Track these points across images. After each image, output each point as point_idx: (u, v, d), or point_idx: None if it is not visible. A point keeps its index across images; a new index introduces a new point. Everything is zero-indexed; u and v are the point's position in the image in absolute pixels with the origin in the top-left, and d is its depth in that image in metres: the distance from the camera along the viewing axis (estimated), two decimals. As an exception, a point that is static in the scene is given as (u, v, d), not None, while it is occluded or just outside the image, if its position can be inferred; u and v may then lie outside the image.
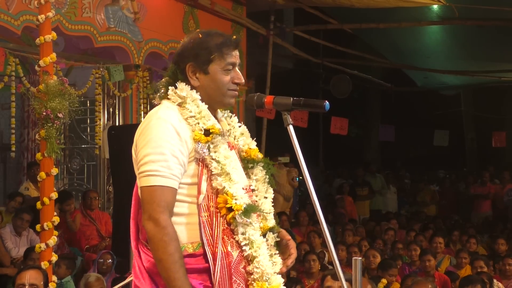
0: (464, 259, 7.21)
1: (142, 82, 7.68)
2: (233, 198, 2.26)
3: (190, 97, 2.35)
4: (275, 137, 7.18)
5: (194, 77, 2.38)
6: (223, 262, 2.24)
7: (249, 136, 2.58)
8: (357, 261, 2.19)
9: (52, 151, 4.82)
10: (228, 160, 2.31)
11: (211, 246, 2.24)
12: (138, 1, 7.54)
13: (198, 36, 2.40)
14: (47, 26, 4.88)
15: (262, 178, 2.52)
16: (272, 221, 2.49)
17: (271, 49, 9.72)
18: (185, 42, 2.43)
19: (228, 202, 2.26)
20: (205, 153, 2.28)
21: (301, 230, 9.05)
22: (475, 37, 11.13)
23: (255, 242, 2.29)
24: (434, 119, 17.23)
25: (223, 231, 2.27)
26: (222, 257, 2.24)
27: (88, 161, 8.18)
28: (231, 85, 2.39)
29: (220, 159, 2.29)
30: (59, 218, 5.05)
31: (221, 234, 2.26)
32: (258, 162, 2.52)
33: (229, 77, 2.38)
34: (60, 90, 4.76)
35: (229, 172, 2.29)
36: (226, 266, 2.24)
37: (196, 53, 2.36)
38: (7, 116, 8.54)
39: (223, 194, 2.27)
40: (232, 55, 2.38)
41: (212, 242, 2.24)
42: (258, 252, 2.29)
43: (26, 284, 4.36)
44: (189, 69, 2.38)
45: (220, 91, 2.38)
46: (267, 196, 2.50)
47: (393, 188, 13.03)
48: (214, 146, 2.30)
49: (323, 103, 2.29)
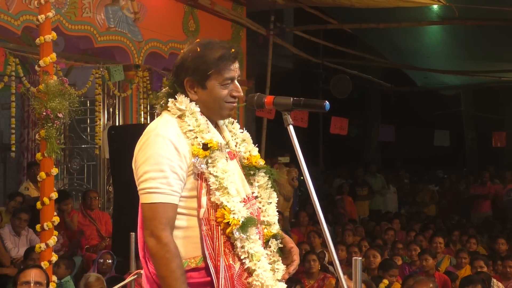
0: (464, 259, 7.22)
1: (142, 82, 7.68)
2: (231, 213, 2.27)
3: (189, 110, 2.35)
4: (275, 137, 7.18)
5: (192, 91, 2.39)
6: (225, 274, 2.26)
7: (251, 142, 2.58)
8: (357, 261, 2.19)
9: (52, 151, 4.81)
10: (226, 174, 2.31)
11: (213, 260, 2.26)
12: (138, 1, 7.54)
13: (197, 49, 2.37)
14: (47, 26, 4.88)
15: (265, 184, 2.53)
16: (276, 228, 2.52)
17: (271, 49, 9.72)
18: (184, 54, 2.41)
19: (226, 217, 2.27)
20: (203, 168, 2.29)
21: (301, 230, 9.05)
22: (475, 37, 11.13)
23: (254, 255, 2.31)
24: (434, 119, 17.24)
25: (224, 243, 2.29)
26: (224, 270, 2.26)
27: (88, 161, 8.18)
28: (229, 98, 2.39)
29: (218, 174, 2.29)
30: (59, 218, 5.05)
31: (222, 247, 2.27)
32: (260, 169, 2.53)
33: (227, 90, 2.38)
34: (60, 90, 4.76)
35: (227, 187, 2.29)
36: (229, 278, 2.27)
37: (194, 68, 2.35)
38: (7, 116, 8.54)
39: (221, 209, 2.28)
40: (231, 70, 2.37)
41: (214, 255, 2.26)
42: (258, 265, 2.30)
43: (31, 282, 4.37)
44: (187, 84, 2.38)
45: (218, 104, 2.38)
46: (271, 202, 2.53)
47: (393, 188, 13.03)
48: (212, 161, 2.30)
49: (323, 103, 2.28)
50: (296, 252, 2.52)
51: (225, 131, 2.51)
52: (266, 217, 2.52)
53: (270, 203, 2.52)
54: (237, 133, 2.56)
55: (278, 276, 2.40)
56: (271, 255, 2.45)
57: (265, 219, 2.51)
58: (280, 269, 2.43)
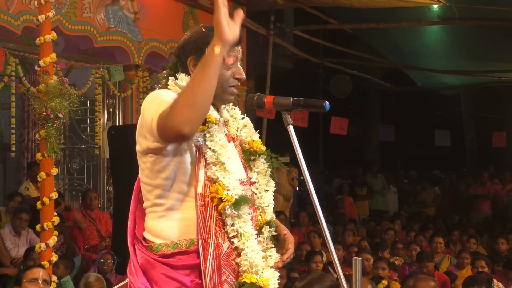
0: (466, 259, 7.19)
1: (142, 82, 7.68)
2: (225, 189, 2.24)
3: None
4: (275, 137, 7.17)
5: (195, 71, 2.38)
6: (213, 253, 2.23)
7: (252, 128, 2.55)
8: (357, 261, 2.19)
9: (52, 151, 4.82)
10: (224, 149, 2.28)
11: (202, 237, 2.23)
12: (138, 1, 7.54)
13: (201, 30, 2.39)
14: (47, 26, 4.89)
15: (264, 170, 2.49)
16: (270, 215, 2.47)
17: (271, 49, 9.72)
18: (188, 36, 2.42)
19: (219, 193, 2.24)
20: (199, 142, 2.27)
21: (301, 230, 9.04)
22: (475, 37, 11.14)
23: (244, 234, 2.26)
24: (434, 119, 17.23)
25: (216, 221, 2.26)
26: (213, 248, 2.23)
27: (88, 161, 8.18)
28: (232, 81, 2.37)
29: (215, 148, 2.27)
30: (59, 218, 5.05)
31: (214, 225, 2.25)
32: (260, 154, 2.50)
33: (230, 72, 2.36)
34: (60, 90, 4.77)
35: (224, 162, 2.26)
36: (216, 257, 2.24)
37: (198, 47, 2.34)
38: (7, 116, 8.55)
39: (216, 184, 2.25)
40: (234, 50, 2.34)
41: (204, 233, 2.24)
42: (246, 245, 2.26)
43: (40, 279, 4.37)
44: (190, 63, 2.36)
45: (220, 86, 2.33)
46: (268, 189, 2.47)
47: (393, 188, 13.03)
48: (210, 135, 2.28)
49: (323, 103, 2.28)
50: (291, 240, 2.48)
51: (226, 114, 2.48)
52: (262, 204, 2.47)
53: (267, 191, 2.46)
54: (237, 118, 2.52)
55: (270, 263, 2.36)
56: (264, 241, 2.41)
57: (260, 206, 2.46)
58: (273, 256, 2.39)
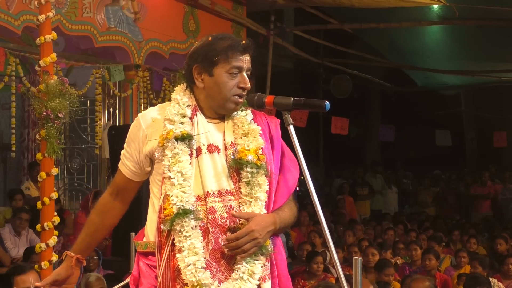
0: (463, 258, 7.20)
1: (142, 82, 7.68)
2: (169, 203, 2.28)
3: (175, 100, 2.40)
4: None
5: (199, 79, 2.38)
6: (167, 263, 2.27)
7: (256, 135, 2.41)
8: (357, 261, 2.19)
9: (52, 151, 4.82)
10: (177, 165, 2.29)
11: (159, 247, 2.30)
12: (138, 1, 7.54)
13: (208, 39, 2.41)
14: (47, 26, 4.88)
15: (247, 180, 2.34)
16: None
17: (271, 49, 9.71)
18: (197, 44, 2.46)
19: (166, 207, 2.29)
20: (155, 156, 2.36)
21: (301, 230, 9.04)
22: (475, 37, 11.13)
23: (183, 248, 2.23)
24: (435, 119, 17.22)
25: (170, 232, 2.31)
26: (168, 258, 2.28)
27: (88, 161, 8.18)
28: (236, 90, 2.36)
29: (165, 163, 2.32)
30: (59, 218, 5.05)
31: (171, 236, 2.28)
32: (248, 164, 2.36)
33: (234, 81, 2.35)
34: (60, 90, 4.76)
35: (171, 176, 2.29)
36: (171, 268, 2.27)
37: (204, 55, 2.36)
38: (7, 116, 8.55)
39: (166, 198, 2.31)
40: (239, 59, 2.35)
41: (160, 244, 2.30)
42: (184, 261, 2.23)
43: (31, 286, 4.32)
44: (195, 70, 2.38)
45: (223, 95, 2.34)
46: (251, 200, 2.34)
47: (394, 188, 13.03)
48: (164, 151, 2.32)
49: (323, 103, 2.28)
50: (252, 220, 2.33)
51: (230, 123, 2.43)
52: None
53: (251, 201, 2.33)
54: (242, 126, 2.42)
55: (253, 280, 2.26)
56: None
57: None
58: (257, 272, 2.27)
